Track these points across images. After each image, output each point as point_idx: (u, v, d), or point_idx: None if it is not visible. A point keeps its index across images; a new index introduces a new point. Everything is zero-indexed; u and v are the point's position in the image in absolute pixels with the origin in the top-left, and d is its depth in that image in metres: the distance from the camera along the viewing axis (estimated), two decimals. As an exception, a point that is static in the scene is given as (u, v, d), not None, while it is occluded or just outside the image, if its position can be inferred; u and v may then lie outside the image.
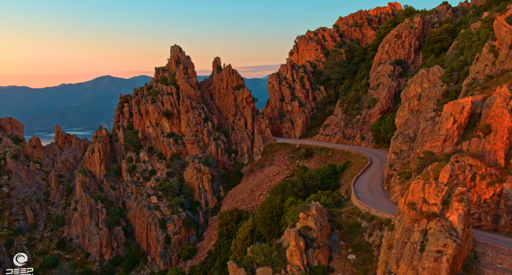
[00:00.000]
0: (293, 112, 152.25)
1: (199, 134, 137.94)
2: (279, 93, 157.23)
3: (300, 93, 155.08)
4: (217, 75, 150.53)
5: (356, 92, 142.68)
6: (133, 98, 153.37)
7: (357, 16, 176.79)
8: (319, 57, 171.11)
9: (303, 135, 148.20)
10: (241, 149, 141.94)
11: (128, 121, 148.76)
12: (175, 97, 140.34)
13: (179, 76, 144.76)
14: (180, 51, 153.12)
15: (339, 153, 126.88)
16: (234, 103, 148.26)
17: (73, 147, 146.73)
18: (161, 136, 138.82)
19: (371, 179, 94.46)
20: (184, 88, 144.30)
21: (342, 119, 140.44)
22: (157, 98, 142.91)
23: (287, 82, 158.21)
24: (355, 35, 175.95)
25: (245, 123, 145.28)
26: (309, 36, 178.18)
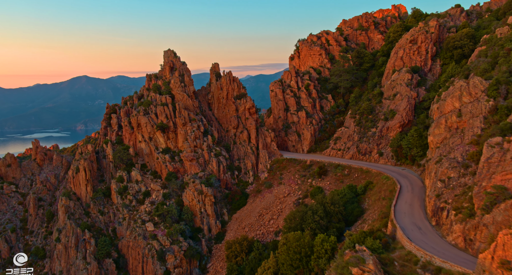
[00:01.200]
0: (299, 123, 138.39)
1: (198, 150, 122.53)
2: (283, 102, 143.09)
3: (307, 102, 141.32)
4: (216, 83, 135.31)
5: (369, 102, 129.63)
6: (121, 109, 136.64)
7: (363, 19, 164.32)
8: (323, 62, 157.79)
9: (311, 149, 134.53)
10: (244, 166, 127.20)
11: (116, 135, 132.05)
12: (170, 109, 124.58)
13: (175, 84, 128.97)
14: (174, 57, 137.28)
15: (357, 171, 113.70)
16: (236, 114, 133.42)
17: (54, 164, 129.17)
18: (155, 152, 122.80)
19: (410, 210, 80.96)
20: (180, 98, 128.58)
21: (355, 132, 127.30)
22: (150, 110, 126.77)
23: (291, 91, 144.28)
24: (360, 39, 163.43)
25: (248, 136, 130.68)
26: (312, 40, 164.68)
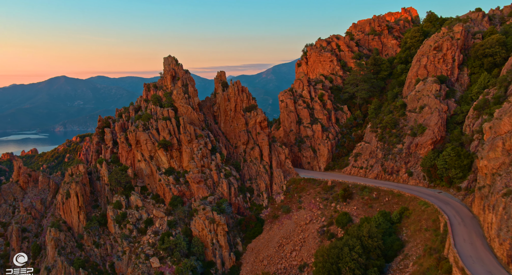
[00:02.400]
0: (314, 138, 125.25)
1: (206, 170, 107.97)
2: (294, 114, 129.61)
3: (321, 114, 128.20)
4: (223, 93, 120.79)
5: (391, 115, 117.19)
6: (116, 122, 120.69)
7: (375, 23, 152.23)
8: (335, 70, 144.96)
9: (329, 166, 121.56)
10: (257, 187, 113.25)
11: (111, 152, 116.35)
12: (174, 124, 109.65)
13: (178, 96, 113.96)
14: (176, 64, 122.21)
15: (387, 194, 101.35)
16: (245, 128, 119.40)
17: (39, 187, 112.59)
18: (157, 173, 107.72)
19: (475, 251, 68.80)
20: (185, 111, 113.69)
21: (379, 148, 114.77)
22: (150, 124, 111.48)
23: (304, 101, 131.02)
24: (373, 44, 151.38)
25: (260, 153, 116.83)
26: (321, 46, 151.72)
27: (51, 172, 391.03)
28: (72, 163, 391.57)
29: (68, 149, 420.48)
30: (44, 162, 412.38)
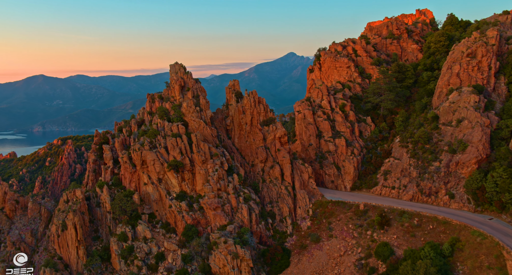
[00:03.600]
0: (337, 153, 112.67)
1: (222, 194, 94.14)
2: (313, 126, 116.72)
3: (343, 127, 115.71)
4: (237, 105, 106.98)
5: (423, 129, 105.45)
6: (116, 138, 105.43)
7: (393, 26, 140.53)
8: (352, 77, 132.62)
9: (355, 186, 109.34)
10: (279, 211, 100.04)
11: (112, 173, 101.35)
12: (185, 141, 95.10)
13: (188, 109, 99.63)
14: (185, 73, 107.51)
15: (431, 221, 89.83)
16: (263, 144, 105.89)
17: (29, 215, 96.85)
18: (167, 198, 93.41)
19: None
20: (196, 127, 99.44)
21: (412, 166, 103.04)
22: (158, 142, 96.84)
23: (324, 112, 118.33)
24: (391, 49, 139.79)
25: (281, 173, 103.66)
26: (336, 50, 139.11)
27: (31, 177, 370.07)
28: (54, 166, 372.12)
29: (49, 152, 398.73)
30: (24, 166, 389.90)
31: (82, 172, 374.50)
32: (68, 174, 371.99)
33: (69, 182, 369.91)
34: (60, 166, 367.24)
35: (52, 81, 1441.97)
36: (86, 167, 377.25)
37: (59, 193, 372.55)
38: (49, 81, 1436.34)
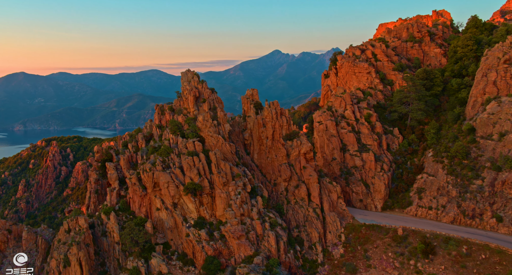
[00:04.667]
0: (365, 169, 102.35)
1: (246, 220, 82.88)
2: (337, 139, 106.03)
3: (370, 139, 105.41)
4: (256, 117, 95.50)
5: (460, 142, 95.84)
6: (121, 154, 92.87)
7: (413, 28, 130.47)
8: (373, 83, 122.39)
9: (387, 205, 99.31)
10: (307, 237, 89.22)
11: (118, 195, 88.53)
12: (203, 160, 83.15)
13: (205, 123, 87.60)
14: (200, 82, 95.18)
15: (482, 249, 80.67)
16: (287, 161, 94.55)
17: (24, 247, 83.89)
18: (183, 225, 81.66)
19: None
20: (214, 143, 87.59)
21: (450, 184, 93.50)
22: (171, 161, 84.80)
23: (348, 124, 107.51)
24: (412, 53, 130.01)
25: (307, 193, 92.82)
26: (354, 54, 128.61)
27: (14, 180, 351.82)
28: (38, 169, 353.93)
29: (32, 154, 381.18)
30: (6, 168, 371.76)
31: (68, 175, 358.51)
32: (53, 177, 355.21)
33: (54, 185, 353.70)
34: (44, 168, 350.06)
35: (33, 79, 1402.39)
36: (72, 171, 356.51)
37: (44, 196, 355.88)
38: (30, 79, 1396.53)
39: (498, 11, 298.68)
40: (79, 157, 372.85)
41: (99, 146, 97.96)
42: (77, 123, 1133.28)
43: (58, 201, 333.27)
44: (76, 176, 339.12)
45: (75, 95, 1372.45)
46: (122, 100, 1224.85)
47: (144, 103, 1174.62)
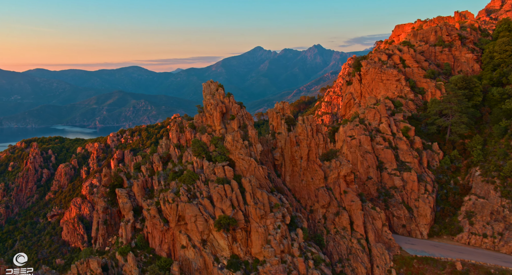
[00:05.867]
0: (406, 190, 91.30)
1: (286, 258, 70.84)
2: (373, 156, 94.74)
3: (409, 156, 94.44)
4: (288, 134, 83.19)
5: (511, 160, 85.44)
6: (134, 179, 79.20)
7: (442, 31, 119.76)
8: (403, 92, 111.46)
9: (433, 231, 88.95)
10: (353, 273, 78.63)
11: (133, 229, 74.88)
12: (236, 189, 70.52)
13: (235, 144, 74.82)
14: (227, 96, 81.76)
15: (558, 289, 68.71)
16: (324, 184, 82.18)
17: (23, 296, 68.76)
18: (214, 266, 69.21)
19: None
20: (246, 167, 74.95)
21: (506, 208, 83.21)
22: (198, 190, 71.68)
23: (384, 139, 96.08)
24: (441, 58, 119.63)
25: (349, 221, 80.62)
26: (380, 59, 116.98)
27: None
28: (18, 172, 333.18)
29: (11, 156, 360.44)
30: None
31: (50, 177, 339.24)
32: (34, 180, 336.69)
33: (36, 188, 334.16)
34: (25, 171, 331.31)
35: (9, 75, 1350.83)
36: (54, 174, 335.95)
37: (24, 201, 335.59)
38: (6, 75, 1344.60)
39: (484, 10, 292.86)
40: (62, 158, 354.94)
41: (106, 168, 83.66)
42: (56, 121, 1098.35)
43: (40, 205, 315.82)
44: (58, 179, 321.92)
45: (53, 92, 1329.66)
46: (102, 97, 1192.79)
47: (125, 100, 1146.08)
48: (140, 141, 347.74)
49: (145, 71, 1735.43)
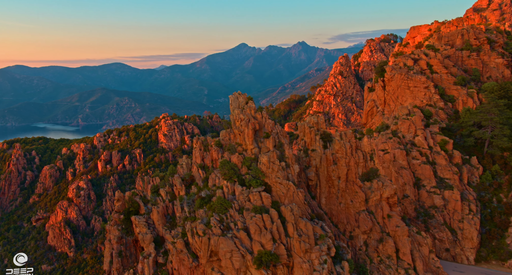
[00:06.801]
0: (447, 209, 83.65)
1: (333, 296, 61.13)
2: (409, 172, 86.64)
3: (449, 172, 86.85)
4: (324, 152, 73.65)
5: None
6: (153, 205, 69.25)
7: (470, 35, 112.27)
8: (432, 100, 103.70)
9: (480, 256, 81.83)
10: (402, 307, 68.57)
11: (155, 264, 64.97)
12: (276, 219, 61.04)
13: (271, 166, 65.62)
14: (258, 110, 71.78)
15: None
16: (365, 207, 73.26)
17: None
18: (254, 309, 58.82)
19: None
20: (284, 192, 65.85)
21: (560, 231, 74.84)
22: (231, 220, 62.11)
23: (421, 153, 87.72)
24: (469, 63, 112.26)
25: (395, 249, 71.85)
26: (406, 65, 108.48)
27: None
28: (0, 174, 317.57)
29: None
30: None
31: (34, 180, 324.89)
32: (18, 183, 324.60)
33: (19, 191, 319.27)
34: (7, 173, 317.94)
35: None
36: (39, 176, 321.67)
37: (7, 204, 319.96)
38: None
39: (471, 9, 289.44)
40: (46, 160, 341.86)
41: (120, 192, 72.70)
42: (37, 119, 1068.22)
43: (24, 209, 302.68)
44: (43, 181, 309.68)
45: (34, 89, 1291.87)
46: (84, 95, 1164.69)
47: (108, 97, 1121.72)
48: (128, 141, 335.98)
49: (128, 68, 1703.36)
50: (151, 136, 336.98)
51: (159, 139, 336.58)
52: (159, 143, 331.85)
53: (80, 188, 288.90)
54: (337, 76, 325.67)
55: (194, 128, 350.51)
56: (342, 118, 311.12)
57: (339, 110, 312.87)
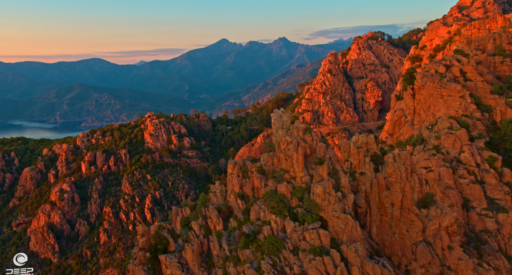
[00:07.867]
0: (502, 234, 77.33)
1: None
2: (456, 192, 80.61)
3: (499, 192, 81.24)
4: (376, 176, 64.56)
5: None
6: (187, 244, 58.96)
7: (502, 39, 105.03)
8: (468, 110, 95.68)
9: (541, 287, 72.26)
10: None
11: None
12: (339, 263, 51.63)
13: (327, 198, 56.41)
14: (307, 132, 61.61)
15: None
16: (422, 238, 64.60)
17: None
18: None
19: None
20: (342, 227, 57.69)
21: None
22: (286, 263, 52.95)
23: (469, 172, 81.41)
24: (502, 69, 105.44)
25: (458, 286, 63.45)
26: (437, 71, 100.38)
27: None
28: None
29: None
30: None
31: (14, 182, 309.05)
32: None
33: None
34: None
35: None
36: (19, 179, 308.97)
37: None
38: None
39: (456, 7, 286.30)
40: (26, 161, 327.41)
41: (144, 226, 61.79)
42: (12, 116, 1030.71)
43: (4, 213, 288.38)
44: (24, 184, 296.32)
45: (8, 85, 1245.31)
46: (62, 91, 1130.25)
47: (86, 94, 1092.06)
48: (112, 141, 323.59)
49: (107, 64, 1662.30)
50: (137, 136, 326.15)
51: (145, 138, 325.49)
52: (145, 143, 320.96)
53: (63, 190, 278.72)
54: (326, 74, 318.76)
55: (181, 127, 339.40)
56: (332, 116, 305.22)
57: (328, 109, 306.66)
